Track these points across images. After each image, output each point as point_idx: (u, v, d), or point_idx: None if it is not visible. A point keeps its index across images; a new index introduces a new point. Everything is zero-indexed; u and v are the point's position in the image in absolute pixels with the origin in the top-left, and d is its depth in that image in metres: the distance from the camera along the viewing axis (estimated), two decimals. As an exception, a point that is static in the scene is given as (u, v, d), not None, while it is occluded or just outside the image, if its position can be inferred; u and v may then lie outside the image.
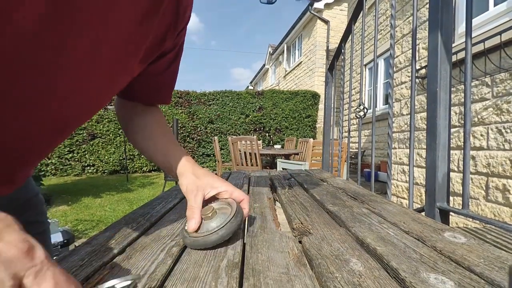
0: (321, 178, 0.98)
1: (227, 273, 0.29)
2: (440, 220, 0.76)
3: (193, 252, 0.35)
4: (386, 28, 4.21)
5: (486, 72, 2.19)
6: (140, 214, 0.53)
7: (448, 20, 0.78)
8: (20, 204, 0.54)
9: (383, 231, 0.42)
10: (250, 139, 3.60)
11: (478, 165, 2.28)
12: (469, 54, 0.74)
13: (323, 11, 8.38)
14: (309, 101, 7.61)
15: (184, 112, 7.06)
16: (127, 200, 3.81)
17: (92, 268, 0.30)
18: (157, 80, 0.53)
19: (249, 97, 7.41)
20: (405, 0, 3.57)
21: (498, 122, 2.12)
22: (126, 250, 0.36)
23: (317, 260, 0.32)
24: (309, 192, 0.74)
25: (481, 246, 0.36)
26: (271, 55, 13.56)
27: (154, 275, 0.29)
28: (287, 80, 10.95)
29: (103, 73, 0.41)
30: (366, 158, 4.98)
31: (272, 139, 7.39)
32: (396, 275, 0.29)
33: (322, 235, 0.41)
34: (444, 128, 0.78)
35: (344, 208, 0.56)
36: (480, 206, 2.25)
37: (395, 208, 0.57)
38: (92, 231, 2.56)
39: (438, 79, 0.77)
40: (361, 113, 1.40)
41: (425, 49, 3.08)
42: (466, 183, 0.74)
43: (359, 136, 1.38)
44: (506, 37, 1.98)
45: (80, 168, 6.26)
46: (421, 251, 0.35)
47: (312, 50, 8.58)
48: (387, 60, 4.53)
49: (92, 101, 0.44)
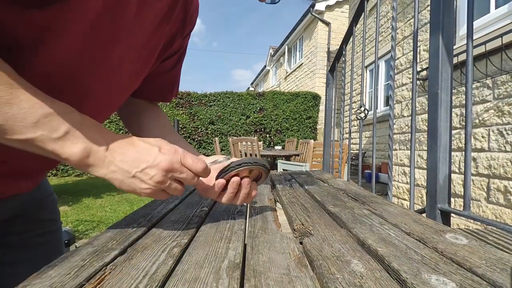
0: (322, 179, 0.98)
1: (228, 274, 0.29)
2: (441, 221, 0.76)
3: (194, 253, 0.36)
4: (387, 30, 4.22)
5: (487, 74, 2.19)
6: (141, 215, 0.53)
7: (450, 22, 0.78)
8: (37, 202, 0.57)
9: (384, 232, 0.42)
10: (250, 140, 3.60)
11: (479, 167, 2.27)
12: (470, 56, 0.74)
13: (324, 13, 8.39)
14: (310, 103, 7.61)
15: (185, 113, 7.07)
16: (127, 201, 3.82)
17: (93, 269, 0.30)
18: (162, 79, 0.56)
19: (250, 98, 7.42)
20: (406, 2, 3.57)
21: (499, 124, 2.12)
22: (127, 251, 0.36)
23: (318, 261, 0.32)
24: (310, 193, 0.74)
25: (482, 248, 0.36)
26: (272, 57, 13.58)
27: (155, 276, 0.29)
28: (288, 82, 10.96)
29: (128, 74, 0.44)
30: (367, 160, 4.98)
31: (272, 140, 7.39)
32: (397, 276, 0.29)
33: (323, 236, 0.41)
34: (445, 130, 0.78)
35: (345, 209, 0.56)
36: (481, 208, 2.24)
37: (396, 209, 0.57)
38: (93, 231, 2.56)
39: (439, 81, 0.77)
40: (362, 115, 1.40)
41: (426, 51, 3.08)
42: (468, 184, 0.74)
43: (360, 138, 1.38)
44: (507, 40, 1.98)
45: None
46: (422, 253, 0.35)
47: (313, 52, 8.59)
48: (388, 62, 4.54)
49: (115, 101, 0.48)
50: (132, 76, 0.46)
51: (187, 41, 0.57)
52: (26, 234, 0.54)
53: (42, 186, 0.58)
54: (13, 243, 0.52)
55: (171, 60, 0.55)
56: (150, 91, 0.57)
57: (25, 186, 0.48)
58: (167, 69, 0.55)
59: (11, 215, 0.50)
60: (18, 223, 0.52)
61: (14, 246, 0.52)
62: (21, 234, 0.53)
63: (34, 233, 0.55)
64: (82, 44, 0.33)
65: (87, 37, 0.33)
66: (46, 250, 0.55)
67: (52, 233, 0.59)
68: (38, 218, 0.56)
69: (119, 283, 0.27)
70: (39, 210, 0.57)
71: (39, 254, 0.53)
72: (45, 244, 0.56)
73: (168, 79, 0.58)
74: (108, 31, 0.35)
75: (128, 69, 0.43)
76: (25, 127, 0.27)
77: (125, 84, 0.46)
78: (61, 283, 0.27)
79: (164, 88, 0.59)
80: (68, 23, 0.30)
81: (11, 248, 0.51)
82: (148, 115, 0.57)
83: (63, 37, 0.31)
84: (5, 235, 0.51)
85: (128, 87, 0.47)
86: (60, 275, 0.29)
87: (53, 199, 0.61)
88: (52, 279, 0.28)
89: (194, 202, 0.64)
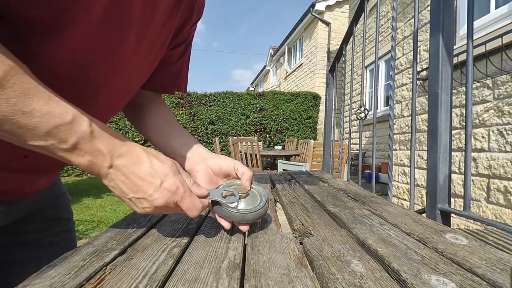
0: (322, 179, 0.98)
1: (228, 274, 0.29)
2: (441, 221, 0.76)
3: (194, 253, 0.36)
4: (387, 30, 4.22)
5: (488, 74, 2.19)
6: (141, 215, 0.53)
7: (450, 23, 0.78)
8: (52, 201, 0.58)
9: (384, 233, 0.42)
10: (250, 140, 3.60)
11: (479, 167, 2.27)
12: (470, 56, 0.74)
13: (324, 13, 8.39)
14: (310, 103, 7.61)
15: (185, 113, 7.07)
16: (127, 201, 3.81)
17: (93, 269, 0.30)
18: (170, 69, 0.57)
19: (250, 98, 7.42)
20: (407, 3, 3.57)
21: (500, 124, 2.12)
22: (127, 251, 0.36)
23: (318, 261, 0.32)
24: (310, 193, 0.74)
25: (482, 248, 0.36)
26: (272, 57, 13.58)
27: (155, 276, 0.29)
28: (288, 82, 10.96)
29: (143, 62, 0.45)
30: (367, 160, 4.98)
31: (272, 140, 7.39)
32: (397, 276, 0.29)
33: (323, 236, 0.41)
34: (445, 130, 0.78)
35: (345, 209, 0.56)
36: (481, 208, 2.24)
37: (396, 209, 0.57)
38: (93, 231, 2.56)
39: (439, 81, 0.77)
40: (362, 115, 1.40)
41: (426, 51, 3.08)
42: (468, 184, 0.74)
43: (360, 138, 1.38)
44: (507, 40, 1.98)
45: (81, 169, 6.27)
46: (422, 253, 0.35)
47: (313, 52, 8.59)
48: (388, 62, 4.54)
49: (126, 94, 0.49)
50: (146, 66, 0.47)
51: (193, 33, 0.57)
52: (41, 233, 0.54)
53: (56, 185, 0.59)
54: (26, 242, 0.52)
55: (177, 50, 0.55)
56: (156, 82, 0.57)
57: (43, 183, 0.49)
58: (174, 59, 0.56)
59: (26, 213, 0.51)
60: (33, 222, 0.53)
61: (27, 244, 0.52)
62: (36, 233, 0.54)
63: (48, 232, 0.56)
64: (95, 33, 0.33)
65: (99, 24, 0.33)
66: (59, 249, 0.55)
67: (66, 232, 0.60)
68: (52, 217, 0.57)
69: (119, 283, 0.27)
70: (53, 208, 0.58)
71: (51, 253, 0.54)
72: (58, 243, 0.57)
73: (175, 69, 0.58)
74: (120, 20, 0.35)
75: (141, 59, 0.44)
76: (37, 136, 0.28)
77: (143, 71, 0.47)
78: (61, 283, 0.27)
79: (171, 78, 0.58)
80: (82, 9, 0.30)
81: (24, 246, 0.52)
82: (151, 109, 0.57)
83: (76, 24, 0.31)
84: (19, 234, 0.51)
85: (140, 79, 0.48)
86: (60, 275, 0.29)
87: (67, 198, 0.62)
88: (52, 279, 0.28)
89: (194, 202, 0.64)
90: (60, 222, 0.59)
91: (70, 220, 0.62)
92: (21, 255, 0.51)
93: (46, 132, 0.28)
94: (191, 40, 0.59)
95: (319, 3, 8.29)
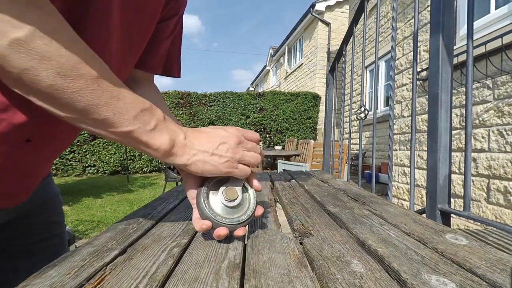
0: (322, 180, 0.98)
1: (228, 274, 0.29)
2: (441, 222, 0.76)
3: (194, 253, 0.36)
4: (387, 31, 4.22)
5: (488, 74, 2.19)
6: (141, 215, 0.53)
7: (450, 23, 0.78)
8: (44, 203, 0.54)
9: (384, 233, 0.42)
10: (250, 141, 3.59)
11: (479, 167, 2.27)
12: (470, 56, 0.74)
13: (324, 13, 8.40)
14: (310, 103, 7.62)
15: (185, 113, 7.07)
16: (127, 201, 3.82)
17: (93, 269, 0.30)
18: (158, 47, 0.56)
19: (250, 99, 7.42)
20: (407, 3, 3.57)
21: (500, 124, 2.12)
22: (127, 251, 0.36)
23: (318, 262, 0.32)
24: (310, 193, 0.74)
25: (482, 248, 0.36)
26: (272, 57, 13.58)
27: (155, 276, 0.29)
28: (288, 82, 10.96)
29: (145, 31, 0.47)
30: (367, 160, 4.98)
31: (272, 140, 7.39)
32: (397, 276, 0.29)
33: (323, 236, 0.41)
34: (445, 130, 0.78)
35: (345, 209, 0.56)
36: (481, 208, 2.24)
37: (396, 209, 0.57)
38: (93, 231, 2.56)
39: (439, 81, 0.77)
40: (362, 115, 1.40)
41: (426, 51, 3.08)
42: (468, 185, 0.74)
43: (360, 138, 1.38)
44: (507, 40, 1.98)
45: (81, 169, 6.27)
46: (422, 253, 0.35)
47: (313, 52, 8.59)
48: (388, 62, 4.54)
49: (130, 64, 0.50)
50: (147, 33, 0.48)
51: (182, 9, 0.57)
52: (30, 238, 0.51)
53: (49, 186, 0.56)
54: (14, 249, 0.49)
55: (166, 25, 0.54)
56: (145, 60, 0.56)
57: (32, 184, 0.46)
58: (163, 36, 0.55)
59: (16, 216, 0.48)
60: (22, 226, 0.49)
61: (16, 252, 0.49)
62: (25, 239, 0.50)
63: (39, 237, 0.52)
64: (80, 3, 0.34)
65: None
66: (50, 255, 0.51)
67: (58, 237, 0.57)
68: (43, 220, 0.54)
69: (119, 283, 0.27)
70: (46, 211, 0.54)
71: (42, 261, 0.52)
72: (49, 248, 0.54)
73: (164, 48, 0.57)
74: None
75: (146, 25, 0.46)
76: (127, 120, 0.32)
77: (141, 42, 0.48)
78: (61, 283, 0.27)
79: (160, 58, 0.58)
80: None
81: (13, 254, 0.49)
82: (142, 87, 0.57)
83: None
84: (6, 239, 0.48)
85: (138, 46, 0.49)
86: (60, 275, 0.29)
87: (59, 200, 0.59)
88: (52, 279, 0.28)
89: (194, 202, 0.64)
90: (52, 225, 0.56)
91: (62, 224, 0.59)
92: (11, 263, 0.48)
93: (135, 115, 0.33)
94: (180, 18, 0.57)
95: (319, 4, 8.29)
